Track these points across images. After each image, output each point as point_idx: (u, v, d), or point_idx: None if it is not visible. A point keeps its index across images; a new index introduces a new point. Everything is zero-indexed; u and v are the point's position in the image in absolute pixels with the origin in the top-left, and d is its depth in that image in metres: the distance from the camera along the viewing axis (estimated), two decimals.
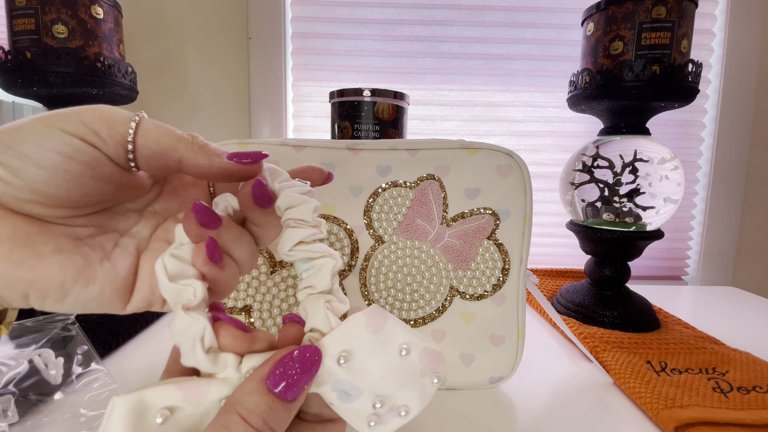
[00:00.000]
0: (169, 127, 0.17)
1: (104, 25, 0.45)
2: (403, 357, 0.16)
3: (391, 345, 0.16)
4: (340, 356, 0.15)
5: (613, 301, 0.49)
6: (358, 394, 0.15)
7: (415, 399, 0.16)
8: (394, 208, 0.33)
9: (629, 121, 0.48)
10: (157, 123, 0.17)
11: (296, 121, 0.76)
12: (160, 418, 0.13)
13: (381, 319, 0.16)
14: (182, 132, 0.17)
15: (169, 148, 0.17)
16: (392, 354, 0.16)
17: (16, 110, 0.71)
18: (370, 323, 0.16)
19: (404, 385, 0.16)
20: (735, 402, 0.32)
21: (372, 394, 0.15)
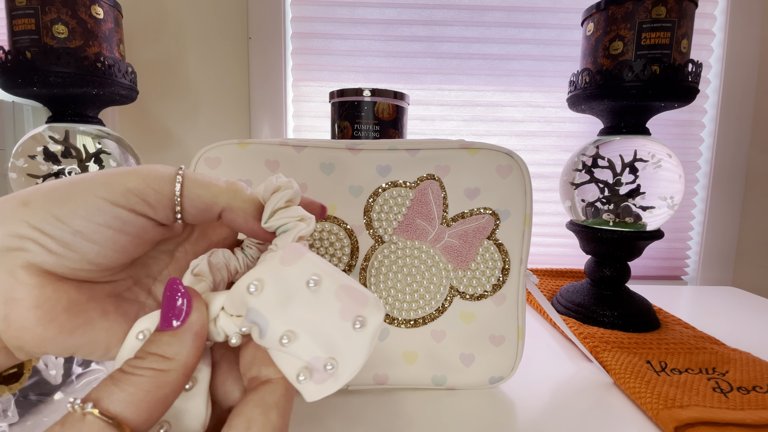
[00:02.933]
0: (210, 179, 0.17)
1: (104, 25, 0.45)
2: (311, 289, 0.15)
3: (302, 277, 0.15)
4: (250, 284, 0.15)
5: (613, 301, 0.49)
6: (266, 325, 0.15)
7: (341, 349, 0.15)
8: (394, 208, 0.33)
9: (629, 121, 0.48)
10: (198, 178, 0.17)
11: (296, 121, 0.76)
12: (141, 336, 0.16)
13: (297, 253, 0.16)
14: (224, 182, 0.17)
15: (212, 203, 0.17)
16: (300, 285, 0.15)
17: (16, 110, 0.71)
18: (285, 257, 0.16)
19: (319, 325, 0.15)
20: (735, 402, 0.32)
21: (280, 326, 0.15)
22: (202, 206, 0.17)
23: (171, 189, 0.16)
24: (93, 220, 0.15)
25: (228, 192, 0.17)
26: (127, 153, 0.50)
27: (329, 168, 0.33)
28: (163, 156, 0.75)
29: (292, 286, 0.15)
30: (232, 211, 0.17)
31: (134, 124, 0.74)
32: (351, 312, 0.15)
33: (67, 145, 0.45)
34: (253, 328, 0.15)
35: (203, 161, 0.31)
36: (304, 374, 0.15)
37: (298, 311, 0.15)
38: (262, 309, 0.15)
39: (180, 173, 0.17)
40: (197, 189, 0.17)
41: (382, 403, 0.33)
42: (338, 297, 0.15)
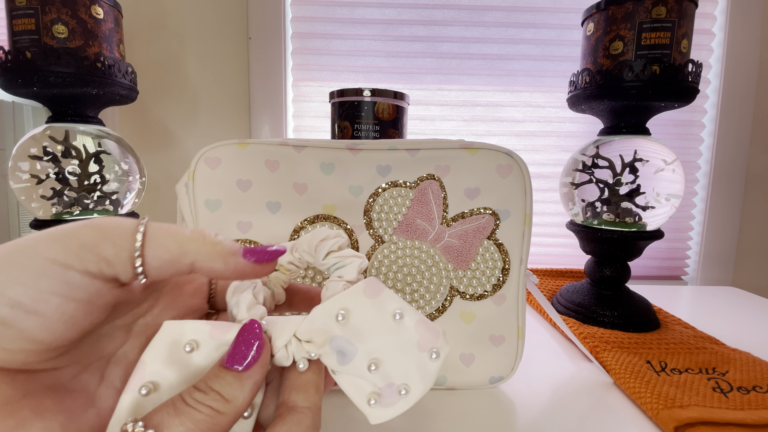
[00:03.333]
0: (176, 229, 0.16)
1: (104, 25, 0.45)
2: (396, 321, 0.16)
3: (386, 310, 0.17)
4: (338, 313, 0.16)
5: (613, 301, 0.49)
6: (353, 353, 0.16)
7: (414, 376, 0.16)
8: (394, 208, 0.33)
9: (629, 121, 0.48)
10: (162, 227, 0.15)
11: (296, 121, 0.76)
12: (188, 347, 0.15)
13: (378, 287, 0.17)
14: (190, 231, 0.16)
15: (180, 253, 0.15)
16: (386, 317, 0.16)
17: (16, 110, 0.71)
18: (368, 289, 0.17)
19: (400, 354, 0.16)
20: (735, 402, 0.32)
21: (366, 354, 0.16)
22: (168, 258, 0.15)
23: (131, 241, 0.15)
24: (36, 287, 0.13)
25: (196, 240, 0.16)
26: (127, 153, 0.50)
27: (329, 168, 0.33)
28: (163, 156, 0.75)
29: (377, 317, 0.16)
30: (208, 258, 0.16)
31: (134, 124, 0.74)
32: (428, 344, 0.16)
33: (67, 145, 0.45)
34: (332, 355, 0.16)
35: (203, 161, 0.31)
36: (374, 399, 0.16)
37: (382, 340, 0.16)
38: (349, 336, 0.16)
39: (142, 223, 0.15)
40: (161, 239, 0.15)
41: None
42: (417, 330, 0.17)
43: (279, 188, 0.32)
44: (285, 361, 0.16)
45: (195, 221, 0.32)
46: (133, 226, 0.15)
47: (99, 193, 0.47)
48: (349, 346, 0.16)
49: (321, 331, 0.16)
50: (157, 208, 0.76)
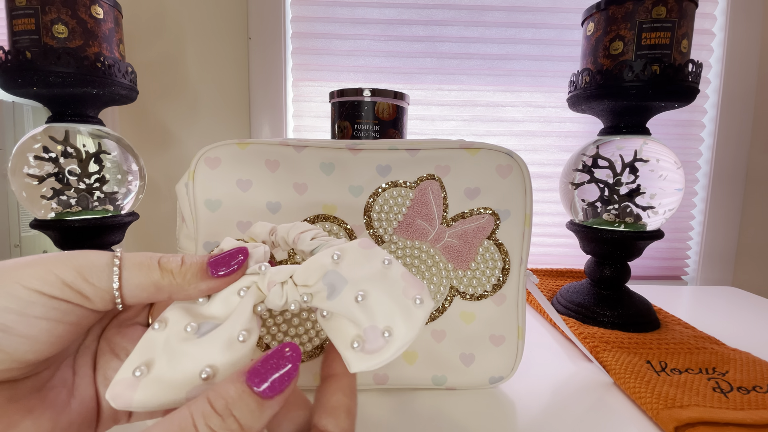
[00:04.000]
0: (148, 262, 0.16)
1: (104, 25, 0.45)
2: (385, 266, 0.18)
3: (376, 257, 0.18)
4: (334, 253, 0.17)
5: (613, 301, 0.49)
6: (343, 285, 0.17)
7: (398, 320, 0.16)
8: (394, 208, 0.33)
9: (629, 121, 0.48)
10: (135, 262, 0.16)
11: (296, 121, 0.76)
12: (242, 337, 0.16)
13: (370, 243, 0.18)
14: (161, 262, 0.16)
15: (155, 290, 0.16)
16: (376, 262, 0.18)
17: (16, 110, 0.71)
18: (363, 243, 0.18)
19: (386, 296, 0.17)
20: (735, 402, 0.32)
21: (355, 286, 0.17)
22: (144, 294, 0.16)
23: (108, 280, 0.15)
24: (26, 314, 0.14)
25: (167, 277, 0.16)
26: (127, 153, 0.50)
27: (329, 168, 0.33)
28: (163, 156, 0.75)
29: (369, 261, 0.18)
30: (181, 290, 0.16)
31: (134, 124, 0.74)
32: (412, 292, 0.17)
33: (67, 145, 0.45)
34: (323, 291, 0.17)
35: (203, 161, 0.31)
36: (358, 342, 0.16)
37: (371, 278, 0.17)
38: (341, 271, 0.17)
39: (116, 262, 0.16)
40: (137, 277, 0.16)
41: (382, 403, 0.33)
42: (403, 278, 0.17)
43: (279, 188, 0.32)
44: (278, 300, 0.17)
45: (195, 221, 0.32)
46: (107, 263, 0.15)
47: (99, 193, 0.47)
48: (339, 279, 0.17)
49: (316, 270, 0.17)
50: (157, 208, 0.76)
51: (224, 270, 0.17)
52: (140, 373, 0.15)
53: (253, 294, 0.17)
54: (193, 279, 0.16)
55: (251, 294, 0.17)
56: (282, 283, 0.17)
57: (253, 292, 0.17)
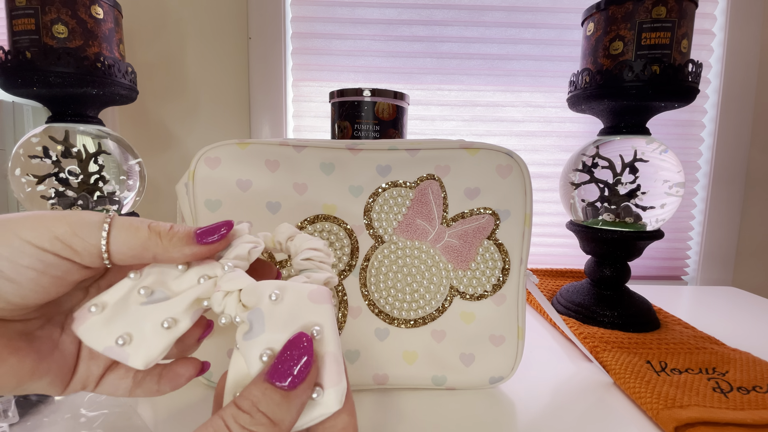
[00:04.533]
0: (137, 224, 0.17)
1: (104, 25, 0.45)
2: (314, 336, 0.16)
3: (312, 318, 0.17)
4: (273, 292, 0.17)
5: (613, 301, 0.49)
6: (259, 332, 0.16)
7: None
8: (394, 208, 0.33)
9: (629, 121, 0.48)
10: (125, 223, 0.17)
11: (296, 121, 0.76)
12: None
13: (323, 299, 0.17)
14: (150, 225, 0.17)
15: (142, 249, 0.17)
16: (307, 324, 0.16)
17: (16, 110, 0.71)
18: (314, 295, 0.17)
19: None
20: (735, 402, 0.32)
21: (268, 342, 0.16)
22: (131, 253, 0.17)
23: (98, 237, 0.16)
24: (16, 261, 0.15)
25: (154, 237, 0.17)
26: (127, 153, 0.50)
27: (329, 168, 0.33)
28: (163, 156, 0.75)
29: (301, 319, 0.16)
30: (166, 252, 0.17)
31: (134, 124, 0.74)
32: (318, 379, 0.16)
33: (67, 145, 0.45)
34: (246, 325, 0.17)
35: (203, 161, 0.31)
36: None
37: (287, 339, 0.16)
38: (266, 317, 0.16)
39: (107, 221, 0.17)
40: (124, 236, 0.17)
41: (382, 403, 0.33)
42: (323, 359, 0.16)
43: (279, 188, 0.32)
44: (216, 306, 0.17)
45: (195, 221, 0.32)
46: (99, 223, 0.17)
47: (99, 193, 0.47)
48: (260, 324, 0.16)
49: (255, 297, 0.17)
50: (157, 208, 0.76)
51: (209, 239, 0.18)
52: (94, 310, 0.17)
53: (208, 287, 0.17)
54: (179, 242, 0.17)
55: (205, 287, 0.17)
56: (227, 292, 0.17)
57: (209, 285, 0.18)
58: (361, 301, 0.34)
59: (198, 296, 0.17)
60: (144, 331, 0.17)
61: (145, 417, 0.30)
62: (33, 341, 0.17)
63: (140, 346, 0.16)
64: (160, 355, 0.17)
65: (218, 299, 0.17)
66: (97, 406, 0.31)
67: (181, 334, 0.17)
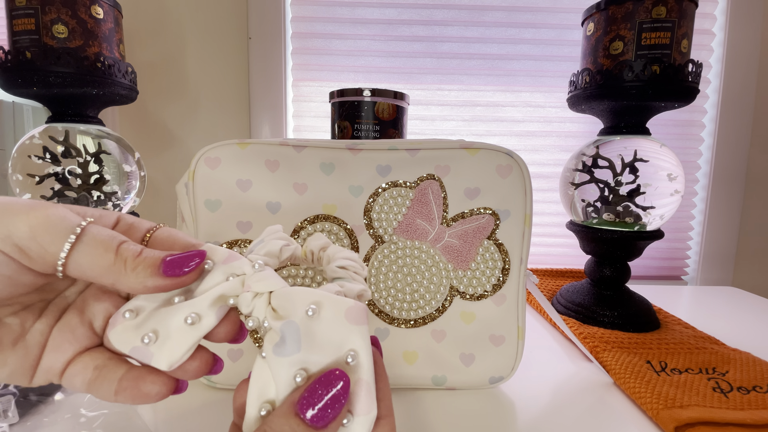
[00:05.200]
0: (108, 243, 0.15)
1: (104, 25, 0.45)
2: (348, 361, 0.16)
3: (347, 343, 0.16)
4: (309, 307, 0.16)
5: (613, 301, 0.49)
6: (293, 350, 0.15)
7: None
8: (394, 208, 0.33)
9: (629, 121, 0.48)
10: (96, 239, 0.15)
11: (296, 121, 0.76)
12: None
13: (359, 320, 0.16)
14: (120, 249, 0.16)
15: (103, 272, 0.15)
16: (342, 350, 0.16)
17: (16, 110, 0.71)
18: (351, 314, 0.16)
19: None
20: (735, 402, 0.32)
21: (300, 363, 0.15)
22: (90, 274, 0.15)
23: (59, 246, 0.15)
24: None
25: (120, 264, 0.15)
26: (127, 153, 0.50)
27: (329, 168, 0.33)
28: (163, 156, 0.75)
29: (336, 342, 0.16)
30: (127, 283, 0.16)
31: (134, 124, 0.74)
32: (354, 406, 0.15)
33: (67, 145, 0.45)
34: (275, 337, 0.16)
35: (203, 161, 0.31)
36: (267, 411, 0.15)
37: (321, 361, 0.16)
38: (302, 334, 0.16)
39: (77, 231, 0.15)
40: (90, 255, 0.15)
41: None
42: (355, 385, 0.15)
43: (279, 188, 0.32)
44: (244, 307, 0.16)
45: (195, 221, 0.32)
46: (66, 233, 0.15)
47: (99, 193, 0.47)
48: (294, 341, 0.15)
49: (287, 307, 0.16)
50: (157, 208, 0.76)
51: (177, 271, 0.16)
52: (128, 316, 0.16)
53: (235, 285, 0.17)
54: (143, 273, 0.16)
55: (231, 284, 0.17)
56: (256, 294, 0.17)
57: (236, 283, 0.17)
58: None
59: (223, 293, 0.16)
60: (169, 328, 0.16)
61: (145, 417, 0.30)
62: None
63: (164, 345, 0.16)
64: (184, 356, 0.16)
65: (247, 300, 0.16)
66: (97, 406, 0.31)
67: (206, 332, 0.16)
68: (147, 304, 0.17)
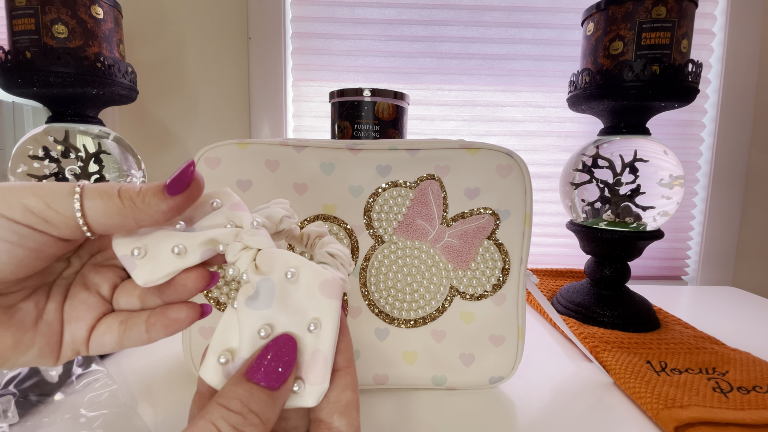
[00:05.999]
0: (109, 190, 0.16)
1: (104, 25, 0.45)
2: (310, 329, 0.16)
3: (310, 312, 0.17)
4: (289, 270, 0.16)
5: (613, 301, 0.49)
6: (264, 307, 0.16)
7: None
8: (394, 208, 0.33)
9: (629, 121, 0.48)
10: (97, 191, 0.16)
11: (296, 121, 0.76)
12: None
13: (333, 294, 0.17)
14: (121, 191, 0.16)
15: (121, 217, 0.16)
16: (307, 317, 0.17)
17: (16, 110, 0.71)
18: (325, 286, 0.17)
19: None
20: (735, 402, 0.32)
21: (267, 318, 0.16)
22: (111, 222, 0.16)
23: (70, 208, 0.15)
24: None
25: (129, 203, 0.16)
26: (127, 153, 0.50)
27: (329, 168, 0.33)
28: (163, 156, 0.75)
29: (305, 309, 0.17)
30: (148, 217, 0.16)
31: (134, 124, 0.74)
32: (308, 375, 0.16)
33: (67, 145, 0.45)
34: (250, 290, 0.16)
35: (203, 161, 0.31)
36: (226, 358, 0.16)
37: (287, 323, 0.16)
38: (276, 293, 0.16)
39: (77, 190, 0.16)
40: (99, 205, 0.16)
41: (382, 403, 0.33)
42: (314, 355, 0.16)
43: (279, 188, 0.32)
44: (230, 255, 0.17)
45: None
46: (69, 194, 0.16)
47: None
48: (266, 297, 0.16)
49: (268, 265, 0.17)
50: None
51: (180, 186, 0.16)
52: (138, 253, 0.17)
53: (228, 234, 0.17)
54: (153, 200, 0.16)
55: (226, 232, 0.17)
56: (245, 247, 0.17)
57: (230, 232, 0.17)
58: (361, 301, 0.34)
59: (215, 237, 0.17)
60: (158, 250, 0.17)
61: (145, 417, 0.30)
62: (14, 314, 0.17)
63: (148, 263, 0.17)
64: (161, 279, 0.17)
65: (235, 250, 0.17)
66: (97, 406, 0.31)
67: (189, 265, 0.17)
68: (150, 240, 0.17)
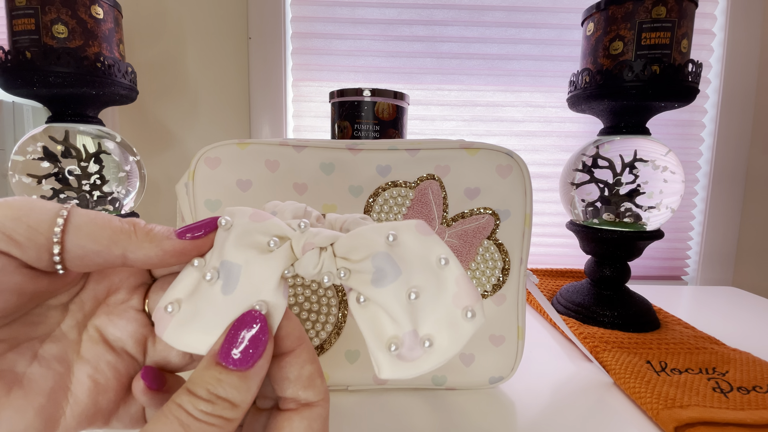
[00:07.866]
0: (105, 218, 0.14)
1: (104, 25, 0.45)
2: (440, 266, 0.15)
3: (432, 251, 0.15)
4: (389, 233, 0.15)
5: (613, 301, 0.49)
6: (395, 276, 0.14)
7: (443, 330, 0.15)
8: (394, 208, 0.33)
9: (629, 121, 0.48)
10: (90, 215, 0.14)
11: (296, 121, 0.76)
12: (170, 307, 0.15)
13: (428, 229, 0.16)
14: (120, 221, 0.15)
15: (109, 242, 0.14)
16: (431, 258, 0.15)
17: (16, 110, 0.71)
18: (420, 227, 0.16)
19: (437, 298, 0.15)
20: (735, 402, 0.32)
21: (409, 280, 0.15)
22: (94, 247, 0.14)
23: (49, 227, 0.13)
24: None
25: (126, 230, 0.14)
26: (127, 153, 0.50)
27: (329, 168, 0.33)
28: (163, 156, 0.75)
29: (422, 254, 0.15)
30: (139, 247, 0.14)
31: (134, 124, 0.74)
32: (463, 302, 0.15)
33: (67, 145, 0.45)
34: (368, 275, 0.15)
35: (203, 161, 0.31)
36: (396, 345, 0.14)
37: (425, 275, 0.15)
38: (396, 257, 0.15)
39: (66, 208, 0.14)
40: (87, 228, 0.14)
41: (382, 403, 0.33)
42: (458, 283, 0.15)
43: (279, 188, 0.32)
44: (311, 267, 0.15)
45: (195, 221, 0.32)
46: (54, 211, 0.13)
47: (99, 193, 0.47)
48: (392, 266, 0.14)
49: (364, 245, 0.15)
50: (157, 208, 0.76)
51: (192, 234, 0.15)
52: (171, 309, 0.15)
53: (285, 253, 0.15)
54: (158, 235, 0.15)
55: (282, 254, 0.15)
56: (321, 249, 0.15)
57: (285, 251, 0.15)
58: None
59: (284, 267, 0.15)
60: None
61: None
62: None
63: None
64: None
65: (313, 259, 0.15)
66: None
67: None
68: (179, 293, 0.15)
